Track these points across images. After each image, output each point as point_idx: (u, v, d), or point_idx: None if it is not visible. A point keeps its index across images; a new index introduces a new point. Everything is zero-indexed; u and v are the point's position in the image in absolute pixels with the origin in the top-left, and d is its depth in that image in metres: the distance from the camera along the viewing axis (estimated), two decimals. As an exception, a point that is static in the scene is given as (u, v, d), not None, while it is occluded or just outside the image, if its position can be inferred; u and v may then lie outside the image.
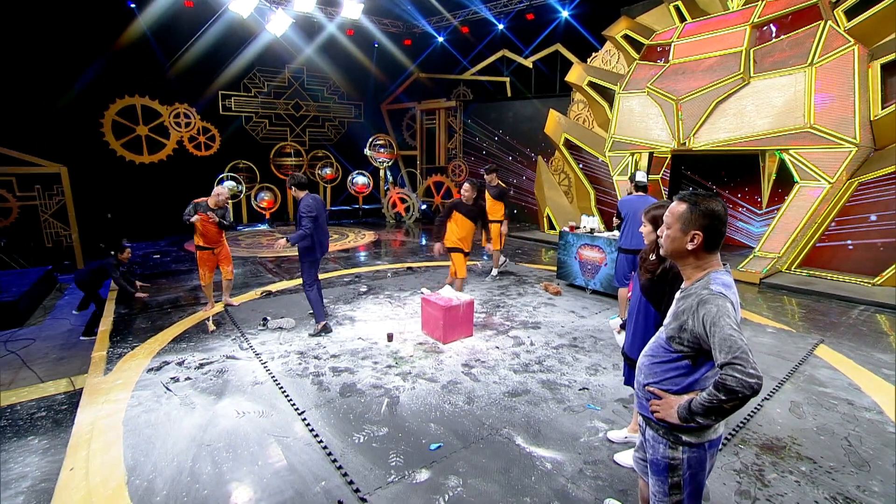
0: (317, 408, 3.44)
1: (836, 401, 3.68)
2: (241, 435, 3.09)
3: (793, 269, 7.62)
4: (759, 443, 3.11)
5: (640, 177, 5.21)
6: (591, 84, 10.22)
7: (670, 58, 8.09)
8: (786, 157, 6.91)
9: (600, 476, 2.76)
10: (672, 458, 1.68)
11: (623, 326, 2.97)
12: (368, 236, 11.58)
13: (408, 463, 2.83)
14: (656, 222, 2.51)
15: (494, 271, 7.42)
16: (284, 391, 3.66)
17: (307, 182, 4.77)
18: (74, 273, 6.38)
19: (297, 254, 4.84)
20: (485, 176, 6.98)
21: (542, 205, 11.66)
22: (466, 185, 5.33)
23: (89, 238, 10.00)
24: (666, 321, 1.73)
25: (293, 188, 4.67)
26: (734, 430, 3.22)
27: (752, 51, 7.14)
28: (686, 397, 1.59)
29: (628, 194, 5.28)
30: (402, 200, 14.15)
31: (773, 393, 3.78)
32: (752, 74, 6.99)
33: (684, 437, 1.64)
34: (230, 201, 12.41)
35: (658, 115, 7.93)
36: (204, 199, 5.43)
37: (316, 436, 3.08)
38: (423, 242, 10.95)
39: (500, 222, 7.07)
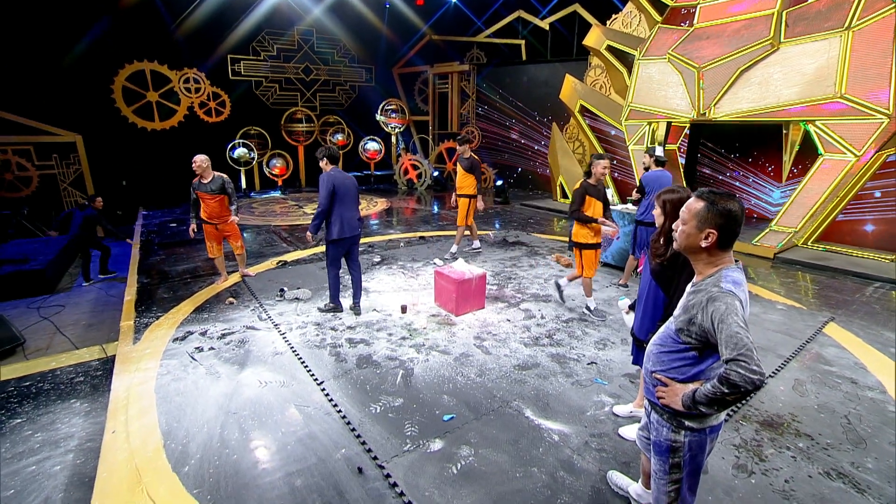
0: (335, 378, 3.61)
1: (840, 379, 3.75)
2: (264, 404, 3.29)
3: (809, 243, 7.53)
4: (760, 419, 3.22)
5: (660, 152, 5.19)
6: (609, 48, 9.82)
7: (695, 21, 7.71)
8: (811, 128, 6.68)
9: (605, 448, 2.91)
10: (674, 441, 1.78)
11: (632, 308, 3.03)
12: (381, 204, 11.62)
13: (422, 433, 3.00)
14: (664, 205, 2.52)
15: (476, 243, 7.13)
16: (304, 362, 3.84)
17: (338, 156, 4.70)
18: (68, 240, 6.92)
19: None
20: (457, 147, 6.62)
21: (556, 172, 11.51)
22: (603, 162, 4.51)
23: (106, 206, 10.20)
24: (675, 312, 1.78)
25: (325, 160, 4.51)
26: (736, 406, 3.33)
27: (784, 13, 6.77)
28: (691, 386, 1.67)
29: (646, 170, 5.30)
30: (415, 167, 14.06)
31: (778, 371, 3.86)
32: (781, 40, 6.66)
33: (687, 423, 1.73)
34: (242, 167, 12.49)
35: (678, 83, 7.64)
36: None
37: (335, 405, 3.26)
38: (436, 211, 10.96)
39: (472, 197, 6.62)
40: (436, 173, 14.37)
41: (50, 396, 3.70)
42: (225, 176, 5.50)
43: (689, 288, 1.76)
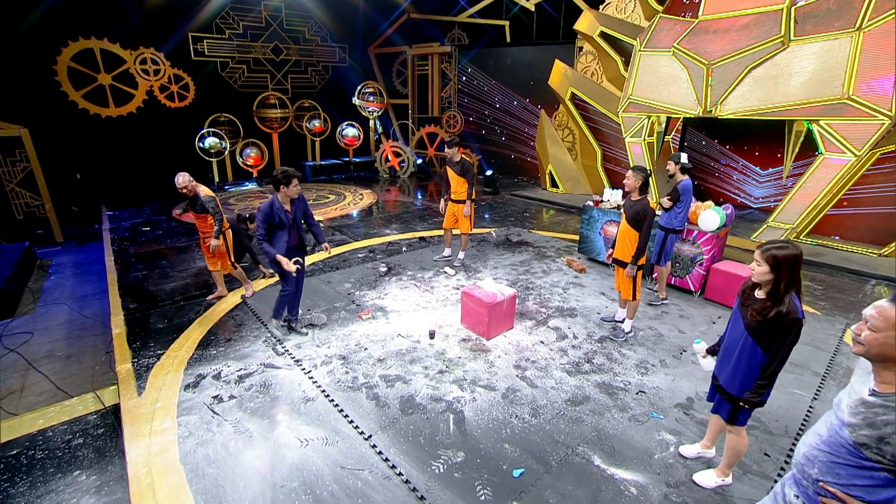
0: (382, 430, 3.31)
1: (880, 398, 3.81)
2: (312, 470, 2.96)
3: (801, 237, 7.73)
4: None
5: (685, 159, 5.06)
6: (602, 35, 9.54)
7: (700, 13, 7.52)
8: (814, 127, 6.73)
9: (686, 502, 2.80)
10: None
11: (710, 352, 2.88)
12: (367, 196, 11.07)
13: (497, 495, 2.78)
14: (776, 261, 2.34)
15: (461, 254, 6.61)
16: (342, 410, 3.51)
17: (281, 179, 4.03)
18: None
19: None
20: (446, 150, 6.02)
21: (545, 161, 11.30)
22: (629, 174, 4.26)
23: (64, 205, 9.18)
24: (851, 419, 1.60)
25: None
26: (796, 436, 3.30)
27: (793, 9, 6.67)
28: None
29: (670, 177, 5.14)
30: (397, 154, 13.48)
31: (820, 391, 3.88)
32: (791, 37, 6.59)
33: None
34: (213, 158, 11.52)
35: (684, 78, 7.49)
36: None
37: (393, 467, 2.98)
38: (420, 198, 10.54)
39: (464, 202, 6.10)
40: (419, 160, 13.85)
41: (47, 469, 3.19)
42: (207, 194, 4.85)
43: (867, 395, 1.58)
